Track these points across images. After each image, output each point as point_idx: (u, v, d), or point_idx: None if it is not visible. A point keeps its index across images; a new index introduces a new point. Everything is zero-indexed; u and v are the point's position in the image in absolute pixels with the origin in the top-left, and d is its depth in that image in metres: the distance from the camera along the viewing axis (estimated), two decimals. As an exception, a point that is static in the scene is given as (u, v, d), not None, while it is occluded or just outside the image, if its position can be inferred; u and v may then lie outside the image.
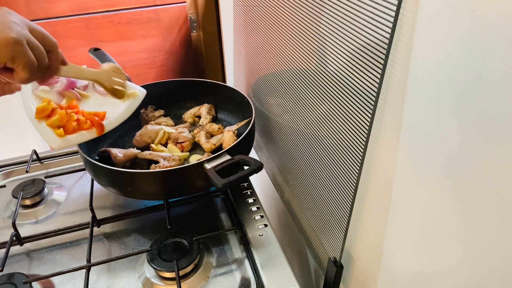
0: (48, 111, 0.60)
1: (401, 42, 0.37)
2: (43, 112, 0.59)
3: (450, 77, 0.33)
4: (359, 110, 0.44)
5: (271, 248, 0.65)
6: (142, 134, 0.80)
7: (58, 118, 0.59)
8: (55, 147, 0.60)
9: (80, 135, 0.62)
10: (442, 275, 0.40)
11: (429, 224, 0.40)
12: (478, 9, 0.29)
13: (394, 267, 0.49)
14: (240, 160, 0.62)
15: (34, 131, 1.63)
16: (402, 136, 0.41)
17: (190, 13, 1.49)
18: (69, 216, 0.75)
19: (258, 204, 0.74)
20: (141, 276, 0.61)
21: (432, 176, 0.38)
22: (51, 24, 1.39)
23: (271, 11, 0.65)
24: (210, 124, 0.83)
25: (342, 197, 0.53)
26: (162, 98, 0.89)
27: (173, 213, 0.73)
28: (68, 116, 0.61)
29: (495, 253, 0.33)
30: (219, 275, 0.62)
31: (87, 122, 0.63)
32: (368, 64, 0.41)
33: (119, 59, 1.35)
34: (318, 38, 0.51)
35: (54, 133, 0.60)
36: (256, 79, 0.83)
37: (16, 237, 0.66)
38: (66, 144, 0.61)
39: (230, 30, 0.96)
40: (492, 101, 0.30)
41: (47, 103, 0.59)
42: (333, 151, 0.53)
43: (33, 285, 0.60)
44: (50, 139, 0.60)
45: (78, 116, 0.62)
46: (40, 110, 0.59)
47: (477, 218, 0.34)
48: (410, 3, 0.35)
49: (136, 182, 0.65)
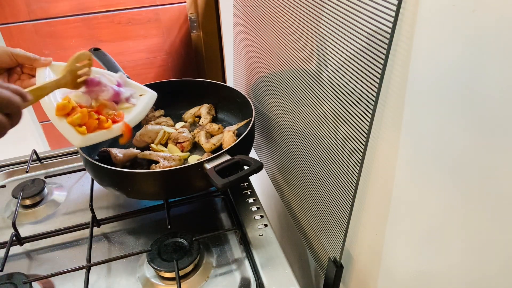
0: (69, 109, 0.60)
1: (401, 42, 0.37)
2: (63, 110, 0.60)
3: (450, 77, 0.33)
4: (359, 110, 0.44)
5: (271, 248, 0.65)
6: (142, 134, 0.80)
7: (79, 116, 0.60)
8: (76, 144, 0.61)
9: (101, 133, 0.63)
10: (442, 275, 0.40)
11: (429, 224, 0.40)
12: (478, 9, 0.29)
13: (394, 267, 0.49)
14: (240, 160, 0.62)
15: (34, 131, 1.64)
16: (402, 136, 0.41)
17: (190, 13, 1.49)
18: (69, 216, 0.75)
19: (258, 204, 0.74)
20: (141, 276, 0.61)
21: (432, 176, 0.38)
22: (51, 24, 1.39)
23: (271, 11, 0.65)
24: (210, 124, 0.83)
25: (342, 197, 0.53)
26: (162, 98, 0.89)
27: (173, 213, 0.73)
28: (89, 115, 0.62)
29: (495, 253, 0.33)
30: (219, 275, 0.62)
31: (108, 121, 0.63)
32: (368, 64, 0.41)
33: (119, 59, 1.35)
34: (318, 38, 0.51)
35: (75, 131, 0.60)
36: (256, 79, 0.82)
37: (16, 237, 0.66)
38: (87, 142, 0.62)
39: (230, 30, 0.96)
40: (492, 101, 0.30)
41: (67, 101, 0.60)
42: (333, 151, 0.53)
43: (33, 285, 0.60)
44: (72, 136, 0.60)
45: (99, 116, 0.63)
46: (60, 107, 0.59)
47: (477, 218, 0.34)
48: (410, 3, 0.35)
49: (136, 182, 0.65)
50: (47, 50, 1.43)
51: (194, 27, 1.53)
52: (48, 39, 1.42)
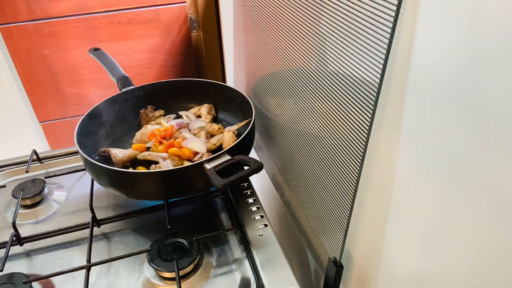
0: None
1: (401, 42, 0.37)
2: None
3: (450, 77, 0.33)
4: (359, 110, 0.44)
5: (271, 248, 0.65)
6: (142, 134, 0.80)
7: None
8: None
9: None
10: (442, 275, 0.40)
11: (430, 224, 0.40)
12: (478, 9, 0.29)
13: (394, 267, 0.49)
14: (240, 160, 0.62)
15: (34, 131, 1.64)
16: (402, 136, 0.41)
17: (190, 13, 1.49)
18: (69, 216, 0.75)
19: (258, 204, 0.74)
20: (141, 276, 0.61)
21: (432, 175, 0.38)
22: (51, 24, 1.39)
23: (271, 11, 0.65)
24: (210, 124, 0.83)
25: (342, 197, 0.53)
26: (162, 98, 0.89)
27: (173, 213, 0.73)
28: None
29: (496, 253, 0.33)
30: (219, 275, 0.62)
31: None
32: (368, 64, 0.41)
33: (119, 59, 1.35)
34: (318, 38, 0.51)
35: None
36: (256, 79, 0.82)
37: (16, 237, 0.66)
38: None
39: (230, 30, 0.96)
40: (492, 101, 0.30)
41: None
42: (333, 151, 0.53)
43: (33, 285, 0.60)
44: None
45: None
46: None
47: (478, 218, 0.34)
48: (410, 3, 0.35)
49: (136, 182, 0.65)
50: (47, 50, 1.43)
51: (194, 27, 1.53)
52: (48, 39, 1.42)
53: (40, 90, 1.49)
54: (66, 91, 1.52)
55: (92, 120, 0.79)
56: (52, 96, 1.52)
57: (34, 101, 1.51)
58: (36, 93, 1.50)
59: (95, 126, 0.80)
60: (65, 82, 1.50)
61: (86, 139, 0.75)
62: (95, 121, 0.80)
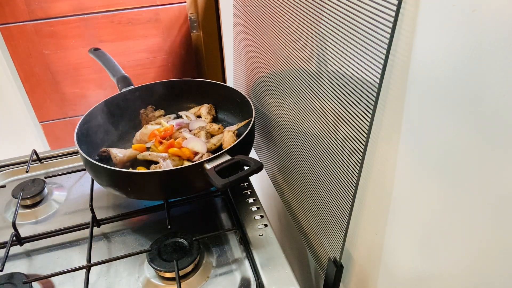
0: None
1: (401, 42, 0.37)
2: None
3: (450, 77, 0.33)
4: (359, 110, 0.44)
5: (271, 248, 0.65)
6: (142, 134, 0.80)
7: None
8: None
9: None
10: (442, 275, 0.40)
11: (430, 224, 0.40)
12: (478, 9, 0.29)
13: (394, 267, 0.49)
14: (240, 160, 0.62)
15: (34, 131, 1.63)
16: (402, 136, 0.41)
17: (190, 13, 1.49)
18: (69, 216, 0.75)
19: (258, 204, 0.74)
20: (141, 276, 0.61)
21: (432, 176, 0.38)
22: (51, 24, 1.39)
23: (271, 11, 0.65)
24: (210, 124, 0.83)
25: (342, 197, 0.53)
26: (162, 98, 0.89)
27: (173, 213, 0.73)
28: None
29: (496, 253, 0.33)
30: (219, 275, 0.62)
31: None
32: (368, 64, 0.41)
33: (119, 59, 1.35)
34: (318, 38, 0.51)
35: None
36: (256, 79, 0.82)
37: (16, 237, 0.66)
38: None
39: (230, 30, 0.96)
40: (492, 101, 0.30)
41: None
42: (333, 151, 0.53)
43: (33, 285, 0.60)
44: None
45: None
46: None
47: (478, 218, 0.34)
48: (410, 3, 0.35)
49: (136, 182, 0.65)
50: (47, 50, 1.43)
51: (194, 27, 1.53)
52: (48, 39, 1.42)
53: (40, 90, 1.50)
54: (66, 91, 1.52)
55: (92, 120, 0.79)
56: (52, 96, 1.52)
57: (34, 101, 1.51)
58: (36, 93, 1.50)
59: (95, 126, 0.80)
60: (65, 82, 1.50)
61: (86, 139, 0.75)
62: (95, 121, 0.80)
